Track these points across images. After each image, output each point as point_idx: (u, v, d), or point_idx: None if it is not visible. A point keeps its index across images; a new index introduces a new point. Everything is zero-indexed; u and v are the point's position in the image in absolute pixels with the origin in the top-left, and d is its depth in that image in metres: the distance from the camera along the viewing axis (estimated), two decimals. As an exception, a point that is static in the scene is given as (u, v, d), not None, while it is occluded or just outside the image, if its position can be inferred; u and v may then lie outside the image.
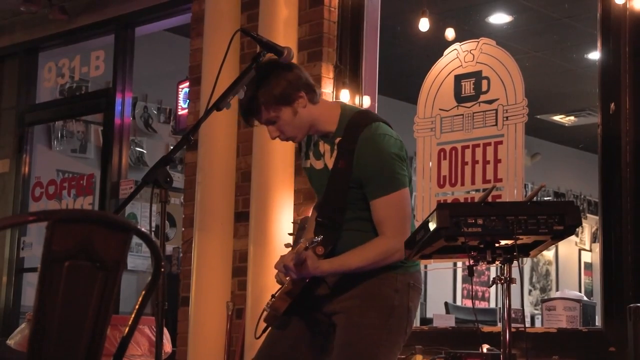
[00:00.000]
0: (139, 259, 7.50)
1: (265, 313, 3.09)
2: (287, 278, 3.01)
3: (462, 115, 4.69)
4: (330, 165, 3.03)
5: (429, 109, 4.81)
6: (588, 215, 10.90)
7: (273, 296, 3.09)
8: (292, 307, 3.03)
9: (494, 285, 2.68)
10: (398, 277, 3.01)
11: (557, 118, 10.05)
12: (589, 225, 10.93)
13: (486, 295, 9.88)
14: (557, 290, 10.45)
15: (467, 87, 4.71)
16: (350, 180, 2.97)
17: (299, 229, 4.54)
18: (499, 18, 7.31)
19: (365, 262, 2.95)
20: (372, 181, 2.95)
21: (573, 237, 10.23)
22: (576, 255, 11.10)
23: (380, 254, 2.94)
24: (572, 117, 10.02)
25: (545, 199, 10.43)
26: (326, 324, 3.07)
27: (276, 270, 3.07)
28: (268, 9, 5.16)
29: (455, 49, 4.80)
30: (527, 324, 5.95)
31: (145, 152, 8.28)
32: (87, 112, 7.65)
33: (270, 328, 3.12)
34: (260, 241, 4.93)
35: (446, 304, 7.34)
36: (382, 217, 2.95)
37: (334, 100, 3.28)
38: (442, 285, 9.57)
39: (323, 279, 3.05)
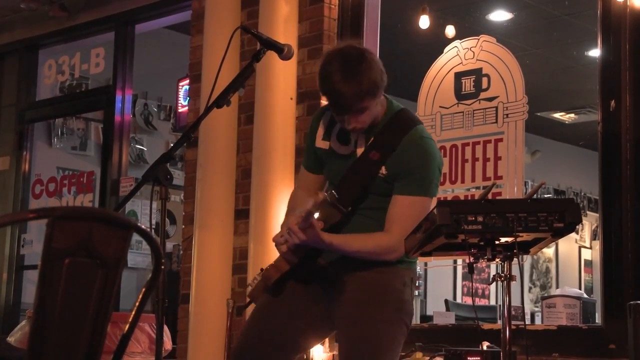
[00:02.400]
0: (139, 256, 7.51)
1: (249, 289, 3.06)
2: (284, 246, 2.94)
3: (462, 112, 4.69)
4: (359, 153, 3.01)
5: (429, 106, 4.81)
6: (588, 212, 10.90)
7: (262, 270, 3.05)
8: (289, 280, 2.99)
9: (494, 283, 2.68)
10: (405, 272, 3.02)
11: (557, 115, 10.05)
12: (589, 222, 10.93)
13: (486, 292, 9.88)
14: (557, 287, 10.45)
15: (467, 84, 4.71)
16: (378, 172, 2.95)
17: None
18: (499, 15, 7.30)
19: (364, 250, 2.95)
20: (409, 177, 2.94)
21: (573, 235, 10.22)
22: (576, 253, 11.10)
23: (379, 248, 2.94)
24: (572, 115, 10.02)
25: (546, 196, 10.42)
26: (325, 305, 3.03)
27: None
28: (268, 6, 5.16)
29: (455, 47, 4.80)
30: (527, 322, 5.95)
31: (145, 149, 8.29)
32: (87, 109, 7.65)
33: (263, 301, 3.06)
34: (260, 238, 4.93)
35: (446, 301, 7.34)
36: (398, 214, 2.94)
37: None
38: (442, 282, 9.57)
39: (324, 261, 3.01)
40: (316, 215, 2.94)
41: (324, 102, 5.12)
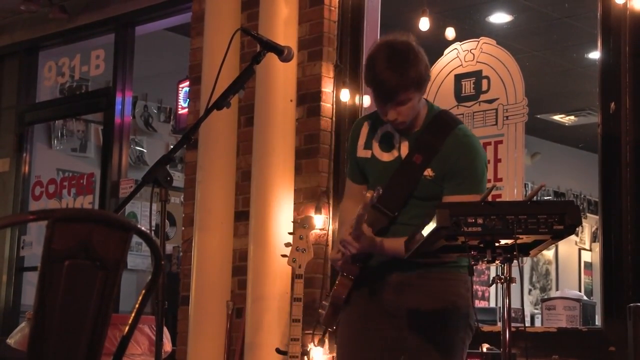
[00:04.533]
0: (139, 257, 7.51)
1: (324, 316, 3.05)
2: (339, 261, 2.95)
3: (462, 114, 4.68)
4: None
5: (429, 108, 4.80)
6: (588, 214, 10.89)
7: (328, 294, 3.06)
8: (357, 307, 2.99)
9: (494, 285, 2.68)
10: (465, 277, 3.02)
11: (557, 117, 10.04)
12: (589, 224, 10.92)
13: (486, 294, 9.87)
14: (557, 289, 10.44)
15: (467, 86, 4.71)
16: (422, 175, 2.94)
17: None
18: (499, 17, 7.31)
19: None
20: (459, 176, 2.93)
21: (573, 237, 10.20)
22: (576, 255, 11.09)
23: None
24: (572, 117, 10.02)
25: (545, 198, 10.42)
26: (394, 317, 3.01)
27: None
28: (268, 8, 5.16)
29: (455, 49, 4.80)
30: (527, 324, 5.95)
31: (145, 151, 8.29)
32: (87, 111, 7.65)
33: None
34: (260, 240, 4.93)
35: (446, 303, 7.32)
36: None
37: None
38: (442, 284, 9.54)
39: (386, 276, 3.00)
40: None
41: (324, 104, 5.14)
